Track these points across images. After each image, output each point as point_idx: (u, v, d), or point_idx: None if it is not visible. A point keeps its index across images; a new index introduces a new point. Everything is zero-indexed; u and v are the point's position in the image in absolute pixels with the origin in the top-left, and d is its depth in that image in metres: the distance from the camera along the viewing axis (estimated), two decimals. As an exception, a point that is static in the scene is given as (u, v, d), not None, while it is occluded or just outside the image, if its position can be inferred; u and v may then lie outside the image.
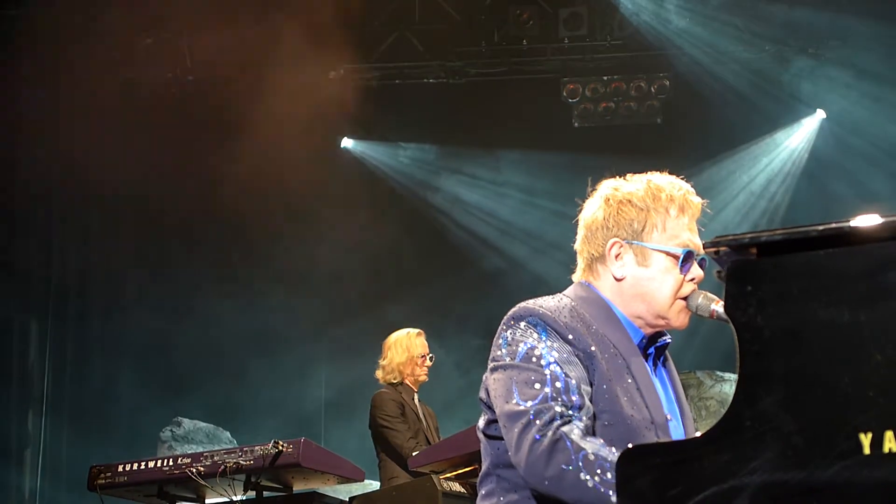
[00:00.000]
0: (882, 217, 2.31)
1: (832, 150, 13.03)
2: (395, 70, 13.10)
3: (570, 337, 3.22)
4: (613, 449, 2.99)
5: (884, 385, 2.19)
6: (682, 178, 3.50)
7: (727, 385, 11.51)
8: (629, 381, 3.25)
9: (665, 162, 3.63)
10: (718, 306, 3.27)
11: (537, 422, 3.06)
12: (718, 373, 11.70)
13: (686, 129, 13.15)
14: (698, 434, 2.39)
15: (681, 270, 3.35)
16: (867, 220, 2.32)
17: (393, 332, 8.68)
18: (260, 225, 12.77)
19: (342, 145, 13.84)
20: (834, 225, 2.34)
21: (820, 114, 13.32)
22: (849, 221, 2.33)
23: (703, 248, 2.51)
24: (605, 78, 13.25)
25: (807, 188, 13.28)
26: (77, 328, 12.28)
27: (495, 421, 3.27)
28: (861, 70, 12.55)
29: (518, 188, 13.65)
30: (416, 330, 8.64)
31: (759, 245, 2.40)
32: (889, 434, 2.17)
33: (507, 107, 13.00)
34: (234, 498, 6.56)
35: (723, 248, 2.47)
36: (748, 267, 2.39)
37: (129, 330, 12.39)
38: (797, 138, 13.53)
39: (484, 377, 3.35)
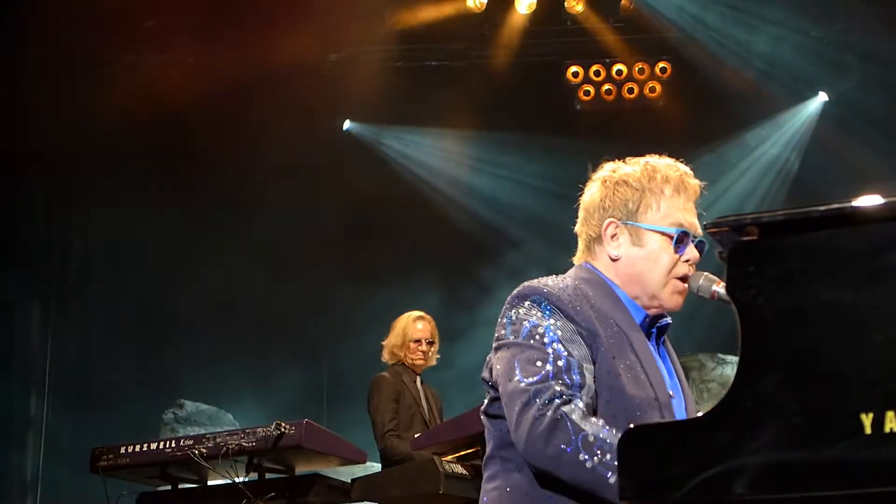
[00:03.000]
0: (884, 198, 2.31)
1: (834, 132, 13.02)
2: (396, 52, 13.07)
3: (574, 315, 3.24)
4: (614, 430, 3.00)
5: (885, 366, 2.20)
6: (682, 161, 3.52)
7: (729, 367, 11.52)
8: (633, 358, 3.27)
9: (667, 144, 3.63)
10: (720, 287, 3.28)
11: (537, 400, 3.08)
12: (720, 355, 11.71)
13: (688, 111, 13.14)
14: (700, 414, 2.39)
15: (675, 250, 3.36)
16: (869, 201, 2.32)
17: (397, 313, 8.73)
18: (263, 206, 12.76)
19: (345, 128, 13.83)
20: (836, 205, 2.34)
21: (822, 96, 13.31)
22: (850, 202, 2.34)
23: (705, 228, 2.52)
24: (607, 60, 13.25)
25: (809, 170, 13.27)
26: (79, 310, 12.28)
27: (498, 399, 3.30)
28: (863, 52, 12.53)
29: (520, 171, 13.63)
30: (417, 313, 8.66)
31: (761, 226, 2.40)
32: (890, 414, 2.17)
33: (509, 90, 12.99)
34: (237, 479, 6.57)
35: (724, 229, 2.48)
36: (750, 248, 2.40)
37: (131, 312, 12.39)
38: (799, 120, 13.52)
39: (488, 357, 3.38)
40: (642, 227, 3.38)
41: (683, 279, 3.40)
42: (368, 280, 13.10)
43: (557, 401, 3.06)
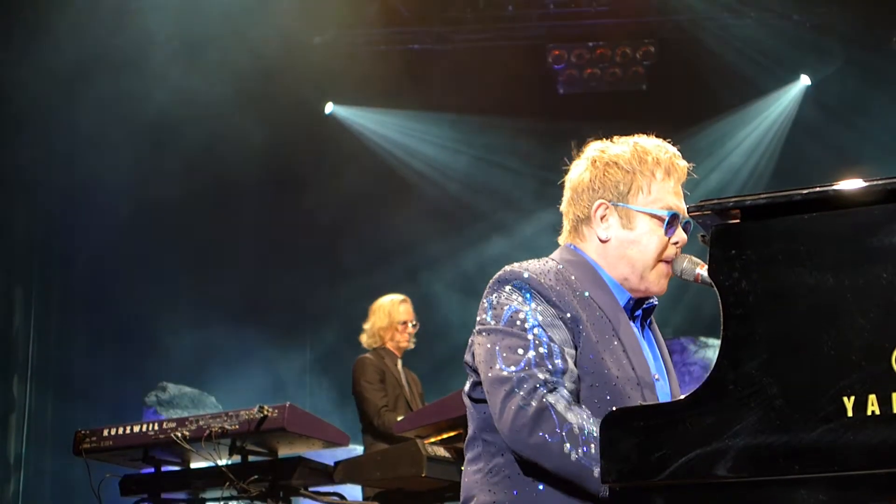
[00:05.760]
0: (865, 181, 2.32)
1: (816, 117, 13.04)
2: (380, 36, 13.04)
3: (555, 300, 3.23)
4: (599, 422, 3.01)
5: (867, 349, 2.21)
6: (668, 142, 3.52)
7: (711, 351, 11.53)
8: (615, 343, 3.26)
9: (649, 128, 3.63)
10: (703, 270, 3.28)
11: (521, 389, 3.07)
12: (703, 338, 11.73)
13: (671, 95, 13.13)
14: (682, 397, 2.40)
15: (665, 233, 3.36)
16: (850, 185, 2.33)
17: (378, 297, 8.73)
18: (245, 191, 12.74)
19: (327, 111, 13.79)
20: (817, 189, 2.35)
21: (804, 80, 13.33)
22: (832, 185, 2.34)
23: (688, 212, 2.52)
24: (590, 44, 13.21)
25: (791, 154, 13.29)
26: (62, 293, 12.23)
27: (480, 384, 3.29)
28: (845, 36, 12.54)
29: (503, 154, 13.62)
30: (401, 297, 8.70)
31: (744, 209, 2.41)
32: (872, 397, 2.18)
33: (492, 73, 12.96)
34: (220, 462, 6.56)
35: (707, 213, 2.48)
36: (732, 231, 2.40)
37: (114, 295, 12.35)
38: (781, 104, 13.54)
39: (470, 340, 3.37)
40: (633, 209, 3.37)
41: (669, 262, 3.40)
42: (351, 263, 13.09)
43: (542, 389, 3.06)
